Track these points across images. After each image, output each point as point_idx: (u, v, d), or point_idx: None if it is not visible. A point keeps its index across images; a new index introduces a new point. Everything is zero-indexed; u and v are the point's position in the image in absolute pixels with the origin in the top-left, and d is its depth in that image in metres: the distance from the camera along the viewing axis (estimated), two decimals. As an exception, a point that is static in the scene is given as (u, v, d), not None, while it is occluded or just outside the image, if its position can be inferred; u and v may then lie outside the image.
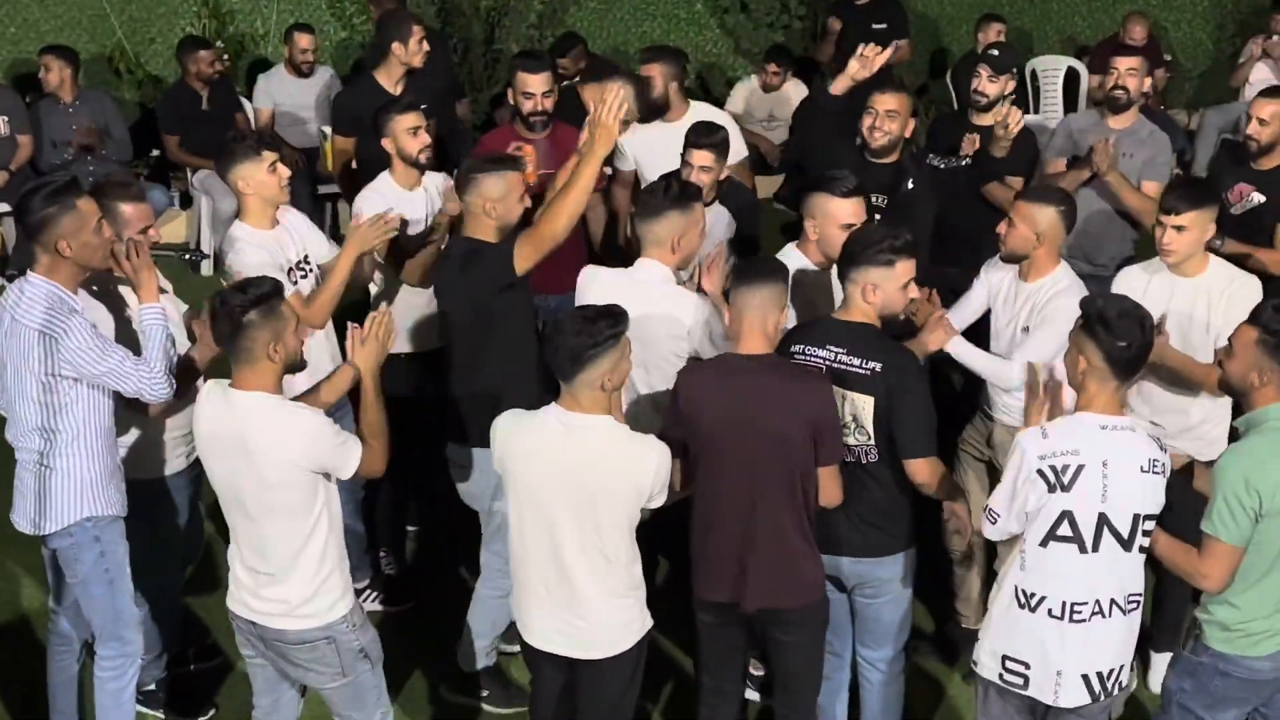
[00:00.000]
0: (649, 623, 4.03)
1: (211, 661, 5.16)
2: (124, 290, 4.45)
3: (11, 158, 8.35)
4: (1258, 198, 5.63)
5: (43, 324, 4.05)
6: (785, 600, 4.09)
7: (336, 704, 4.10)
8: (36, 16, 9.39)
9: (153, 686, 4.89)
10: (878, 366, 4.08)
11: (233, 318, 3.70)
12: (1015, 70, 6.22)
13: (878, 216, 5.31)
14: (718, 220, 5.36)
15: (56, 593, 4.50)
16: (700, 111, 6.20)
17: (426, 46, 6.46)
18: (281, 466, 3.74)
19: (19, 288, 4.14)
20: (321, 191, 8.49)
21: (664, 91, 6.05)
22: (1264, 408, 3.74)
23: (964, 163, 5.95)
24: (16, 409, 4.21)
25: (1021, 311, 4.76)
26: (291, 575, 3.85)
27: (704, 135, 5.35)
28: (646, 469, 3.81)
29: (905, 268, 4.16)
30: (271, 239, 4.87)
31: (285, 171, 4.87)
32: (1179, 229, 4.69)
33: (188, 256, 4.42)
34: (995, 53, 6.23)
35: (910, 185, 5.49)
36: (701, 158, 5.32)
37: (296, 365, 3.86)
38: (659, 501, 3.91)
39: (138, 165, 8.91)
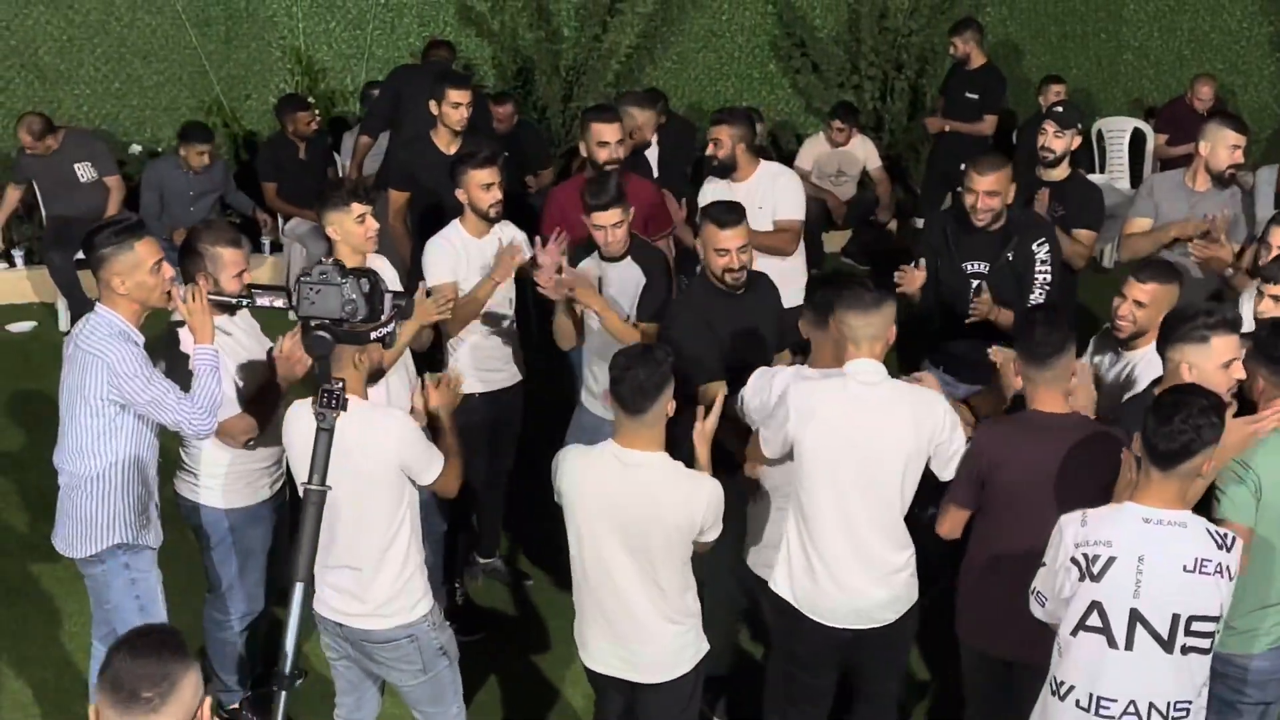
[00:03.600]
0: (704, 648, 4.16)
1: (295, 682, 5.37)
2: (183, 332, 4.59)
3: (98, 201, 8.67)
4: None
5: (98, 349, 4.26)
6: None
7: (417, 700, 4.30)
8: (140, 72, 9.77)
9: (236, 705, 5.08)
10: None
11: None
12: (1080, 126, 6.33)
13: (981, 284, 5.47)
14: (626, 279, 5.38)
15: (97, 619, 4.67)
16: (769, 171, 6.41)
17: (464, 113, 6.52)
18: (375, 461, 3.98)
19: (86, 317, 4.38)
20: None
21: (731, 152, 6.22)
22: None
23: None
24: (66, 432, 4.41)
25: (1122, 373, 4.79)
26: (377, 577, 4.08)
27: (601, 195, 5.23)
28: (699, 504, 3.93)
29: (1223, 345, 4.06)
30: None
31: (373, 224, 5.09)
32: (1277, 299, 4.69)
33: (244, 303, 4.61)
34: (1060, 109, 6.40)
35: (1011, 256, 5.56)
36: (608, 217, 5.23)
37: (377, 374, 4.15)
38: (711, 535, 4.03)
39: (231, 214, 9.28)
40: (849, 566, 4.19)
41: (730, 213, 4.99)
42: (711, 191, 6.15)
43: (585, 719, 4.91)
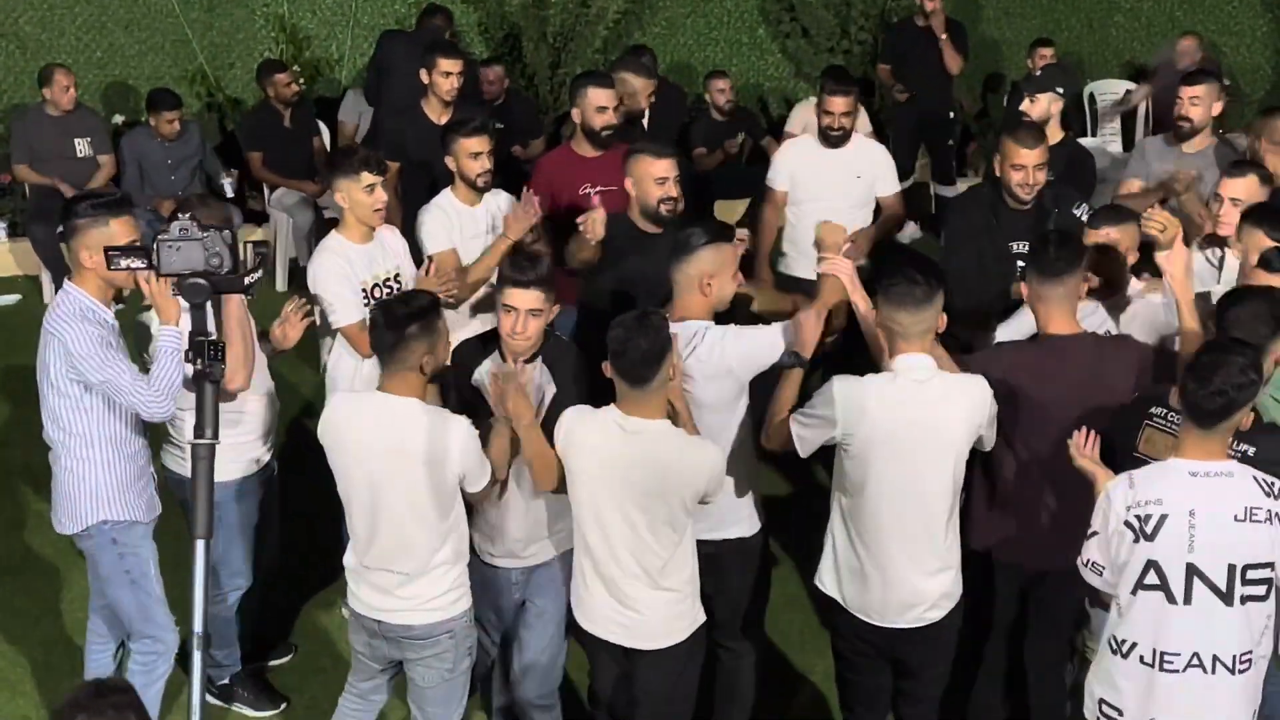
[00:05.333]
0: (701, 618, 4.16)
1: (285, 658, 5.36)
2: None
3: (88, 178, 8.58)
4: None
5: (57, 328, 4.22)
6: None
7: (430, 700, 4.21)
8: (122, 42, 9.69)
9: (227, 681, 5.06)
10: (1250, 450, 3.88)
11: (394, 329, 3.90)
12: (1061, 90, 6.23)
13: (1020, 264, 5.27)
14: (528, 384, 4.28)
15: (94, 590, 4.67)
16: (863, 144, 6.52)
17: (454, 83, 6.54)
18: (436, 470, 3.93)
19: (58, 295, 4.34)
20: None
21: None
22: None
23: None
24: (43, 409, 4.38)
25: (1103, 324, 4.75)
26: (426, 574, 4.03)
27: (525, 270, 4.23)
28: (701, 472, 3.94)
29: None
30: (360, 253, 5.06)
31: (381, 196, 5.05)
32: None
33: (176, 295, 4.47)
34: (1038, 74, 6.36)
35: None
36: (524, 298, 4.19)
37: (440, 375, 4.06)
38: (714, 500, 4.06)
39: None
40: (901, 565, 4.12)
41: (666, 145, 5.28)
42: (810, 153, 6.36)
43: (581, 691, 4.89)
